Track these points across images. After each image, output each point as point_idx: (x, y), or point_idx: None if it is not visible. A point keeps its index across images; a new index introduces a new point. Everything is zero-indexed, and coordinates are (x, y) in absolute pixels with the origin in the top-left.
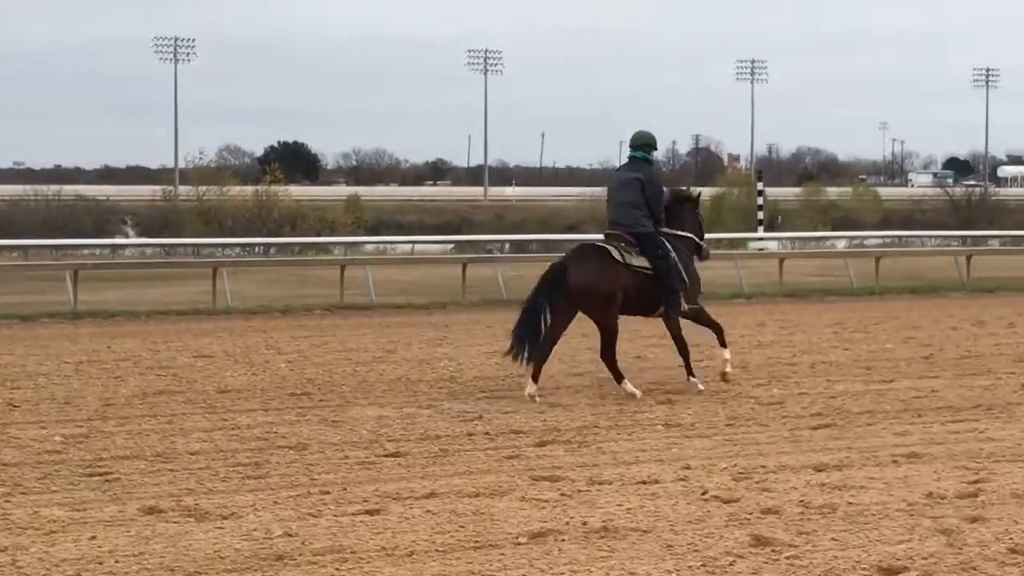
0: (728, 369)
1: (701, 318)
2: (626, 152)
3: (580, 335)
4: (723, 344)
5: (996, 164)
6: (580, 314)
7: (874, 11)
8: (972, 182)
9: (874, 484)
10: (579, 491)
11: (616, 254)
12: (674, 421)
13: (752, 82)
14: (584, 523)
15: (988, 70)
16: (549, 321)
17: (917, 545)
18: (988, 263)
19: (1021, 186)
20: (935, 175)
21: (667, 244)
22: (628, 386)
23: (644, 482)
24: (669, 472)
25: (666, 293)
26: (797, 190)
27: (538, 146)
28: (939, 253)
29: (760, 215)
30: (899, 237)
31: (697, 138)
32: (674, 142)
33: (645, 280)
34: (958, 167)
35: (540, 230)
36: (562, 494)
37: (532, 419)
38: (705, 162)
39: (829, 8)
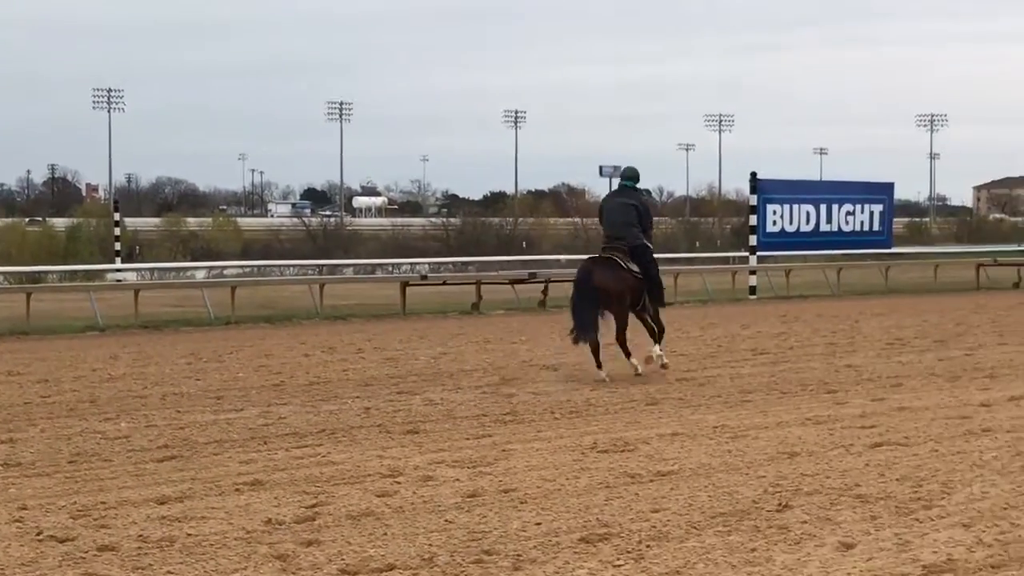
0: (655, 354)
1: (660, 316)
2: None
3: None
4: (657, 342)
5: (352, 195)
6: None
7: (227, 41)
8: (328, 212)
9: (215, 514)
10: None
11: (620, 262)
12: (14, 460)
13: (109, 111)
14: None
15: (342, 103)
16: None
17: (252, 573)
18: (342, 291)
19: (375, 216)
20: (294, 205)
21: (652, 254)
22: (633, 361)
23: None
24: (4, 514)
25: (656, 290)
26: (157, 220)
27: None
28: (295, 282)
29: (118, 246)
30: (258, 267)
31: (53, 168)
32: (28, 172)
33: (637, 281)
34: (316, 197)
35: None
36: None
37: None
38: (62, 192)
39: (185, 37)
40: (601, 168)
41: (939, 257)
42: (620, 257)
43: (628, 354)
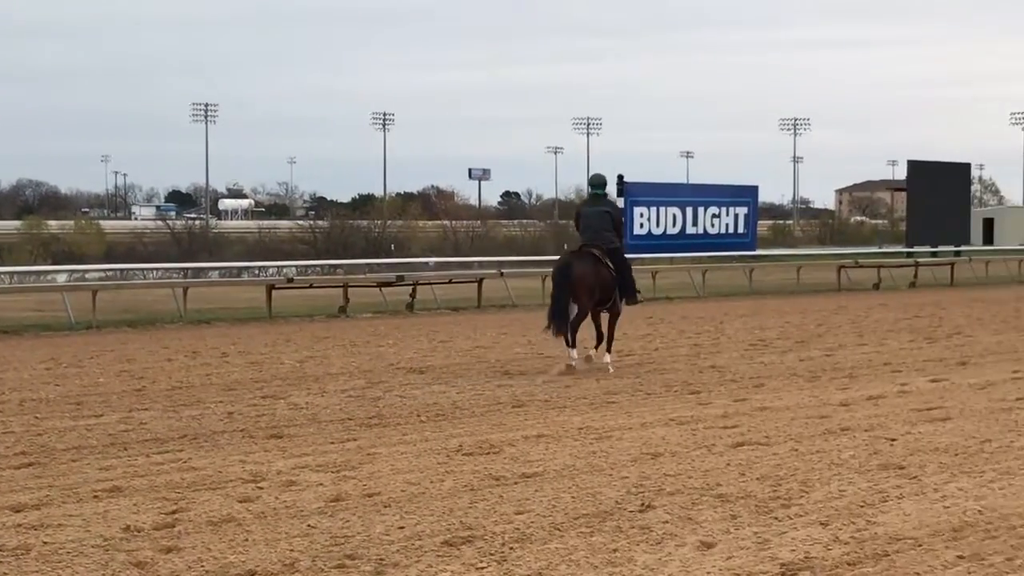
0: (596, 357)
1: (615, 325)
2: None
3: None
4: (608, 350)
5: (217, 197)
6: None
7: (89, 40)
8: (194, 215)
9: (72, 521)
10: None
11: (599, 257)
12: None
13: None
14: None
15: (207, 104)
16: (569, 304)
17: None
18: (206, 294)
19: (241, 219)
20: (158, 208)
21: (623, 254)
22: (573, 353)
23: None
24: None
25: (628, 289)
26: (17, 223)
27: None
28: (159, 285)
29: None
30: (120, 270)
31: None
32: None
33: (612, 278)
34: (181, 200)
35: None
36: None
37: None
38: None
39: (44, 36)
40: (471, 171)
41: (802, 259)
42: (598, 253)
43: (573, 345)
